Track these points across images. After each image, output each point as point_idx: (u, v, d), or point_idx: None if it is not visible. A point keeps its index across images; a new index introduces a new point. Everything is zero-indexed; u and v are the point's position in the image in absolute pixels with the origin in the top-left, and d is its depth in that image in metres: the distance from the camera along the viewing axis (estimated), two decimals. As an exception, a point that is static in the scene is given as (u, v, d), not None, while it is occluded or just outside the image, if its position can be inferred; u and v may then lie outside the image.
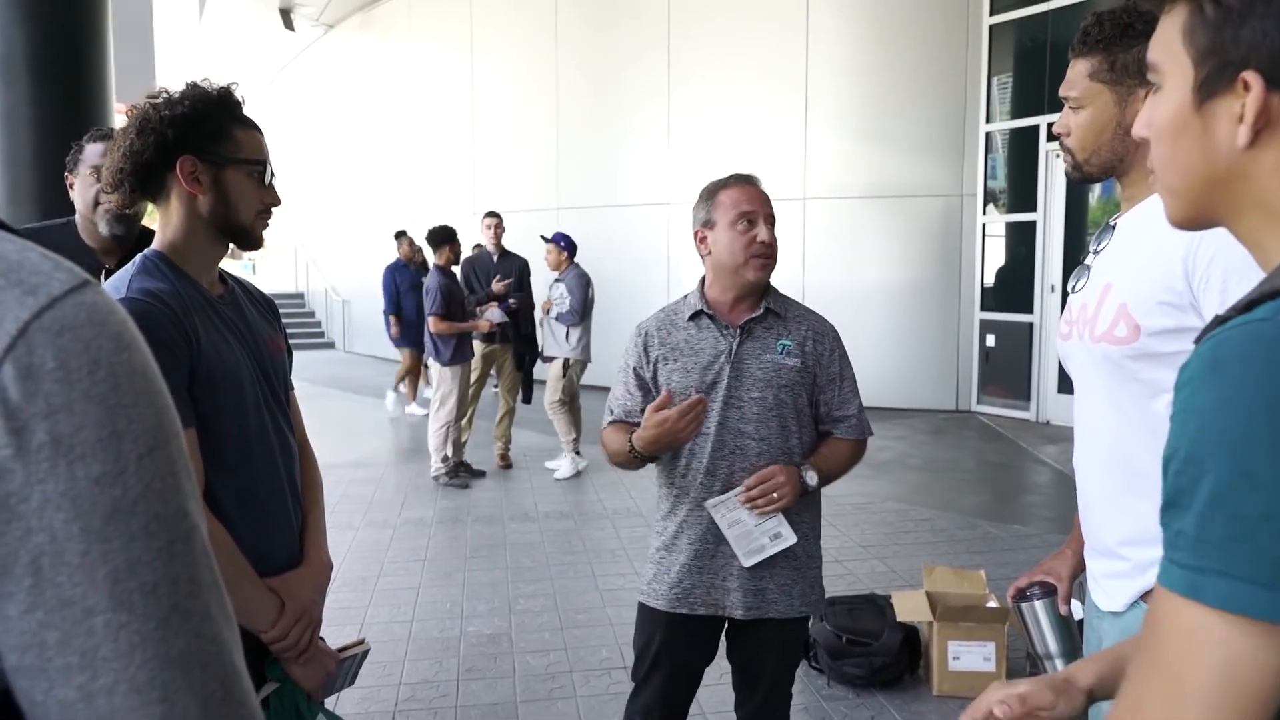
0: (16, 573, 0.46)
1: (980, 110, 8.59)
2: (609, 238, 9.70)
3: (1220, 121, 0.74)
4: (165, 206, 1.56)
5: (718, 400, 2.03)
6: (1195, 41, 0.75)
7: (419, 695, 3.25)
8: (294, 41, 15.14)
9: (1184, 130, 0.77)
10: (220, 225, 1.56)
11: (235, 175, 1.55)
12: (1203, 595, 0.61)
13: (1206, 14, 0.74)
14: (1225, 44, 0.73)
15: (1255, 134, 0.72)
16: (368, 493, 6.06)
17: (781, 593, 2.04)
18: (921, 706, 3.15)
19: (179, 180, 1.52)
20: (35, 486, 0.46)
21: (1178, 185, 0.80)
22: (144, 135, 1.50)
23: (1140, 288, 1.37)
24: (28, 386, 0.46)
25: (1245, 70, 0.72)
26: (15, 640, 0.47)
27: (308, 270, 17.00)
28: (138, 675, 0.48)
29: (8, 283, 0.47)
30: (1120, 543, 1.43)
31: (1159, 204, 0.86)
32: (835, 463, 2.09)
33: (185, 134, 1.51)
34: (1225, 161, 0.75)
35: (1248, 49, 0.71)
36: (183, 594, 0.50)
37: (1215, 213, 0.79)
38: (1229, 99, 0.73)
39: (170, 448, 0.51)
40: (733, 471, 2.02)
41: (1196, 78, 0.75)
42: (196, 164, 1.52)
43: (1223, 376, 0.63)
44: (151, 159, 1.51)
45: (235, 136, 1.55)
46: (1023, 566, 4.55)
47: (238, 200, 1.55)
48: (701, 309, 2.08)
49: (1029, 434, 7.68)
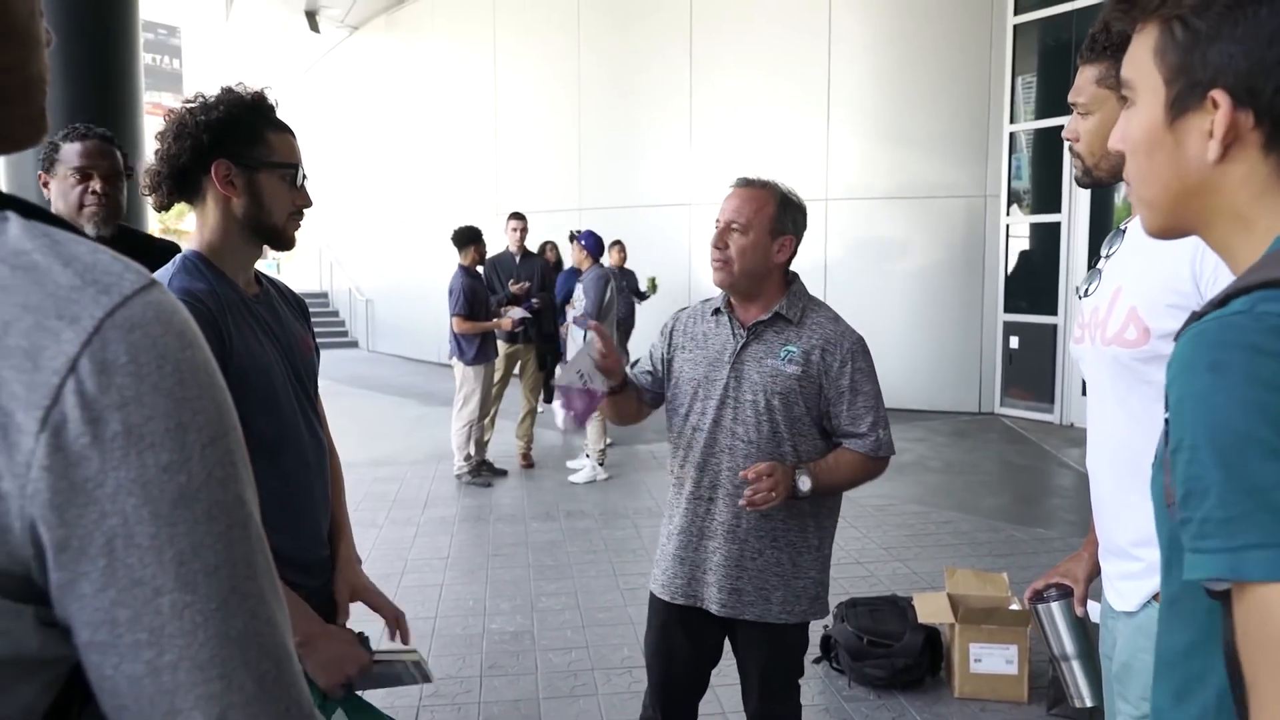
0: (91, 553, 0.49)
1: (1004, 110, 8.54)
2: (631, 238, 9.73)
3: (1191, 138, 0.79)
4: (201, 208, 1.60)
5: (714, 397, 2.05)
6: (1166, 61, 0.79)
7: (443, 690, 3.28)
8: (319, 43, 15.30)
9: (1157, 146, 0.82)
10: (254, 227, 1.60)
11: (268, 178, 1.58)
12: (1247, 570, 0.63)
13: (1176, 36, 0.78)
14: (1194, 64, 0.77)
15: (1224, 149, 0.76)
16: (391, 491, 6.12)
17: (758, 595, 2.04)
18: (943, 709, 3.14)
19: (214, 183, 1.56)
20: (109, 473, 0.49)
21: (1153, 198, 0.85)
22: (180, 140, 1.54)
23: (1149, 290, 1.39)
24: (102, 380, 0.48)
25: (1214, 89, 0.76)
26: (89, 617, 0.50)
27: (332, 270, 17.16)
28: (200, 653, 0.51)
29: (84, 282, 0.50)
30: (1132, 543, 1.44)
31: None
32: (838, 473, 2.03)
33: (220, 138, 1.54)
34: (1197, 175, 0.79)
35: (1215, 70, 0.76)
36: (241, 576, 0.53)
37: (1188, 222, 0.83)
38: (1199, 116, 0.78)
39: (229, 439, 0.54)
40: (720, 469, 2.04)
41: (1168, 96, 0.80)
42: (231, 167, 1.56)
43: (1208, 362, 0.67)
44: (187, 163, 1.55)
45: (269, 140, 1.59)
46: (1045, 570, 4.50)
47: (271, 202, 1.59)
48: (721, 307, 2.12)
49: (1052, 436, 7.63)
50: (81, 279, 0.50)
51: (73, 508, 0.48)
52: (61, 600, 0.50)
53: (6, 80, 0.58)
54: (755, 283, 2.05)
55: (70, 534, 0.48)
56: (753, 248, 2.02)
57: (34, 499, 0.48)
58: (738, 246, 2.02)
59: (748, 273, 2.03)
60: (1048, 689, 3.06)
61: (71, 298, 0.49)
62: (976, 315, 8.79)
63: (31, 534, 0.48)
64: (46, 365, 0.48)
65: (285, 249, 1.67)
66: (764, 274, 2.05)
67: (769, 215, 2.03)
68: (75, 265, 0.50)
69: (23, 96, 0.60)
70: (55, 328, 0.48)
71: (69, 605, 0.50)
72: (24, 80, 0.59)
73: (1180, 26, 0.78)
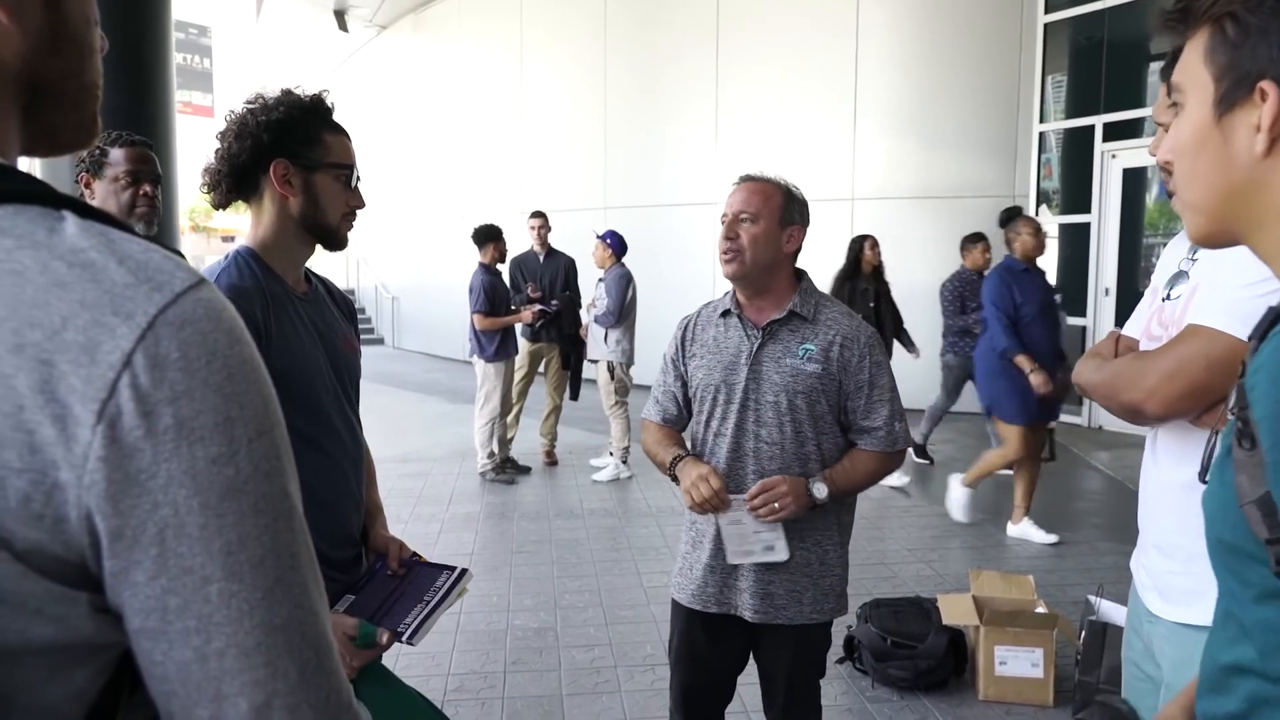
0: (144, 542, 0.50)
1: (1034, 110, 8.45)
2: (656, 237, 9.73)
3: (1239, 133, 0.77)
4: (257, 206, 1.64)
5: (735, 402, 2.04)
6: (1216, 59, 0.78)
7: (467, 686, 3.31)
8: (348, 42, 15.43)
9: (1205, 144, 0.80)
10: (309, 226, 1.64)
11: (324, 179, 1.63)
12: None
13: (1228, 33, 0.77)
14: (1243, 59, 0.76)
15: (1272, 140, 0.75)
16: (416, 487, 6.17)
17: (790, 599, 2.04)
18: (967, 711, 3.13)
19: (272, 182, 1.60)
20: (161, 465, 0.50)
21: (1198, 199, 0.83)
22: (241, 139, 1.59)
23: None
24: (156, 374, 0.50)
25: (1263, 80, 0.75)
26: (141, 604, 0.51)
27: (358, 267, 17.31)
28: (246, 640, 0.53)
29: (137, 280, 0.51)
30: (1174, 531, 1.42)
31: None
32: (855, 476, 2.04)
33: (279, 138, 1.59)
34: (1244, 171, 0.78)
35: (1266, 61, 0.74)
36: (285, 567, 0.55)
37: (1235, 227, 0.81)
38: (1247, 110, 0.76)
39: (275, 433, 0.55)
40: (746, 474, 2.03)
41: (1216, 92, 0.79)
42: (289, 167, 1.60)
43: None
44: (247, 161, 1.60)
45: (326, 141, 1.63)
46: (1071, 574, 4.49)
47: (326, 203, 1.64)
48: (730, 307, 2.10)
49: (1081, 440, 7.55)
50: (135, 277, 0.52)
51: (127, 498, 0.50)
52: (115, 588, 0.51)
53: (63, 86, 0.60)
54: (767, 274, 2.04)
55: (124, 524, 0.50)
56: (764, 236, 2.01)
57: (90, 489, 0.49)
58: (749, 235, 2.01)
59: (759, 263, 2.02)
60: (1073, 693, 3.03)
61: (126, 295, 0.51)
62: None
63: (88, 523, 0.50)
64: (103, 360, 0.49)
65: (338, 249, 1.72)
66: (775, 265, 2.04)
67: (777, 204, 2.03)
68: (129, 263, 0.52)
69: (76, 102, 0.62)
70: (111, 323, 0.50)
71: (122, 593, 0.51)
72: (79, 87, 0.61)
73: (1231, 23, 0.77)
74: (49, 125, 0.61)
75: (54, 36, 0.59)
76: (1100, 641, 2.95)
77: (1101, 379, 1.46)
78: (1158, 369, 1.36)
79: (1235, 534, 0.76)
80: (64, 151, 0.64)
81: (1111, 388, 1.43)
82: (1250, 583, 0.76)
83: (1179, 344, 1.35)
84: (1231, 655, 0.80)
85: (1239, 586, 0.78)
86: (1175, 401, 1.34)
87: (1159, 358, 1.38)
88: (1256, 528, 0.73)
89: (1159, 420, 1.41)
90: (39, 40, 0.58)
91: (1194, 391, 1.32)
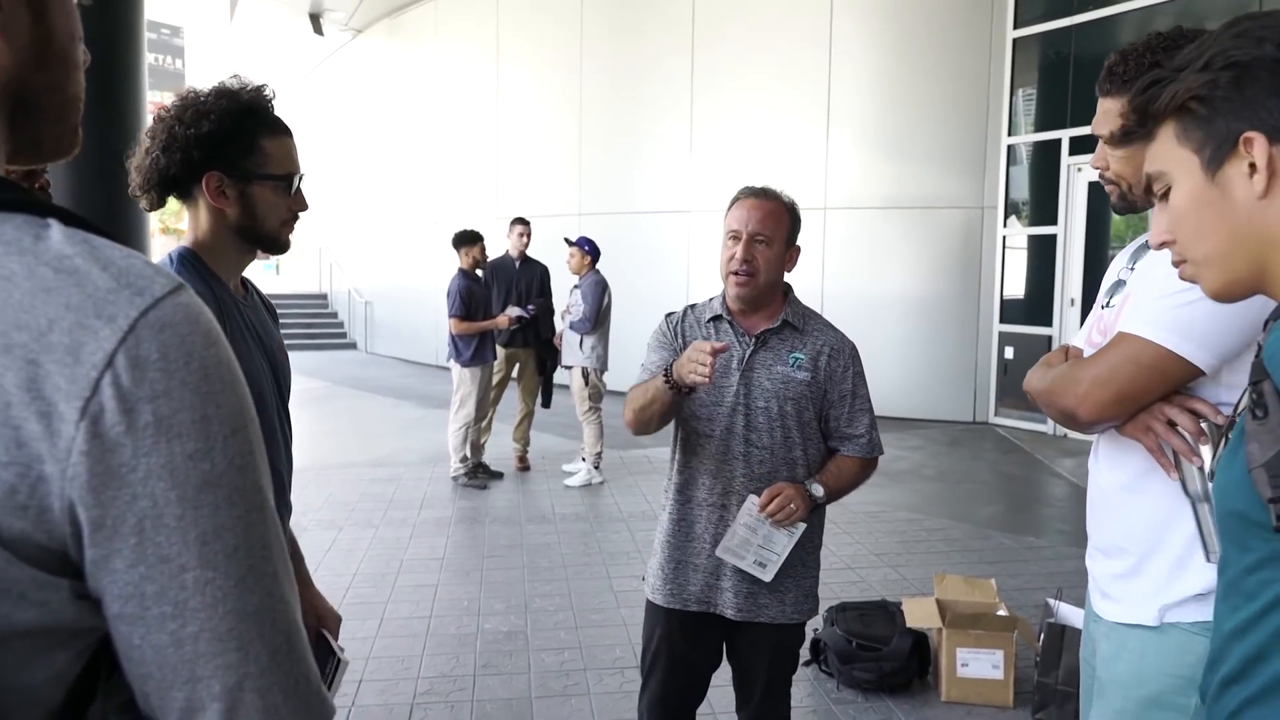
0: (124, 532, 0.53)
1: (1002, 123, 8.61)
2: (630, 244, 9.79)
3: (1236, 182, 0.83)
4: (194, 210, 1.56)
5: (724, 405, 2.08)
6: (1192, 137, 0.85)
7: (436, 689, 3.32)
8: (323, 46, 15.36)
9: (1204, 202, 0.86)
10: (247, 235, 1.56)
11: (262, 188, 1.54)
12: None
13: (1197, 113, 0.84)
14: (1219, 126, 0.83)
15: (1269, 179, 0.81)
16: (388, 492, 6.16)
17: (773, 598, 2.09)
18: (930, 712, 3.19)
19: (205, 194, 1.52)
20: (141, 459, 0.53)
21: (1208, 252, 0.88)
22: (170, 152, 1.49)
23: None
24: (136, 374, 0.53)
25: (1245, 132, 0.81)
26: (120, 590, 0.54)
27: (331, 271, 17.22)
28: (219, 625, 0.56)
29: (119, 285, 0.55)
30: (1114, 533, 1.46)
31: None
32: (842, 480, 2.12)
33: (211, 153, 1.50)
34: (1247, 215, 0.83)
35: (1240, 121, 0.82)
36: (257, 557, 0.58)
37: (1250, 274, 0.86)
38: (1236, 161, 0.83)
39: (249, 430, 0.59)
40: (734, 477, 2.07)
41: (1203, 159, 0.85)
42: (223, 179, 1.51)
43: None
44: (178, 174, 1.51)
45: (263, 149, 1.53)
46: (1035, 578, 4.57)
47: (265, 212, 1.55)
48: (722, 314, 2.14)
49: (1046, 447, 7.68)
50: (118, 282, 0.55)
51: (108, 490, 0.53)
52: (95, 575, 0.54)
53: (48, 100, 0.63)
54: (770, 293, 2.12)
55: (105, 514, 0.53)
56: (776, 259, 2.08)
57: (73, 481, 0.52)
58: (764, 259, 2.06)
59: (770, 284, 2.10)
60: (1033, 693, 3.10)
61: (109, 299, 0.54)
62: (972, 325, 8.84)
63: (70, 514, 0.53)
64: (87, 360, 0.52)
65: (280, 253, 1.64)
66: (777, 284, 2.13)
67: (786, 228, 2.10)
68: (112, 269, 0.55)
69: (60, 115, 0.65)
70: (94, 326, 0.53)
71: (101, 580, 0.54)
72: (62, 100, 0.64)
73: (1198, 104, 0.84)
74: (32, 136, 0.64)
75: (40, 53, 0.62)
76: (1059, 643, 3.02)
77: (1043, 386, 1.51)
78: (1089, 375, 1.40)
79: (1244, 502, 0.82)
80: (46, 161, 0.67)
81: (1050, 394, 1.48)
82: (1252, 549, 0.82)
83: (1109, 351, 1.39)
84: (1233, 621, 0.84)
85: (1240, 555, 0.84)
86: (1105, 407, 1.38)
87: (1092, 364, 1.42)
88: (1261, 488, 0.78)
89: (1090, 425, 1.45)
90: (26, 56, 0.61)
91: (1123, 397, 1.36)
